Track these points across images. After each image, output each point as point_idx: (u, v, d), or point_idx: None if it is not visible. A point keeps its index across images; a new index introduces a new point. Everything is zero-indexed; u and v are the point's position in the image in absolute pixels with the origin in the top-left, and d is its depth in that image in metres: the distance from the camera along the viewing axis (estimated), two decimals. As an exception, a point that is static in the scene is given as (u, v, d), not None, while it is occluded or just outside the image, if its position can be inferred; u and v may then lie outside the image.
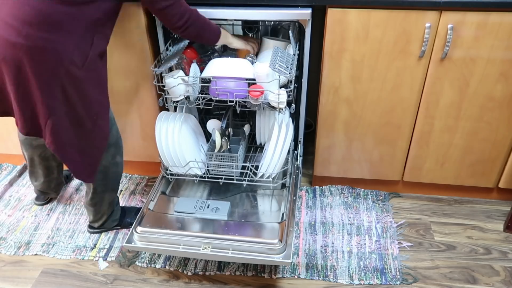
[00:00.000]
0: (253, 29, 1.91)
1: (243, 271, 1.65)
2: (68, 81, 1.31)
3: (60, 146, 1.40)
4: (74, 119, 1.38)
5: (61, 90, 1.31)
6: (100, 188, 1.64)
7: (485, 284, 1.59)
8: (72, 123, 1.38)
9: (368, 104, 1.74)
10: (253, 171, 1.64)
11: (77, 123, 1.39)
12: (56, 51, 1.25)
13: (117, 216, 1.81)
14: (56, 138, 1.38)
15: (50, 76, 1.28)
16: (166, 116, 1.62)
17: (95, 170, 1.53)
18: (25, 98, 1.32)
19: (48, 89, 1.29)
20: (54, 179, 1.89)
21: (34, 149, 1.73)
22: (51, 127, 1.35)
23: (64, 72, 1.29)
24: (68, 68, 1.28)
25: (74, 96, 1.34)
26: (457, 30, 1.53)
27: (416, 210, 1.94)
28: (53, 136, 1.37)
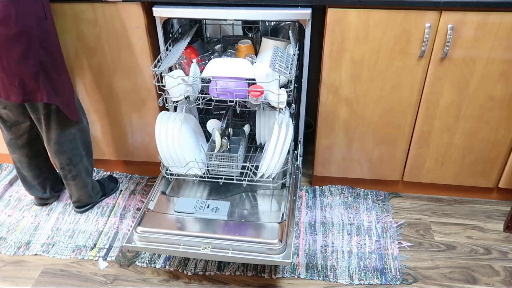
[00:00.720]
0: (253, 29, 1.91)
1: (243, 271, 1.65)
2: (42, 35, 1.42)
3: (55, 96, 1.53)
4: (56, 68, 1.51)
5: (41, 46, 1.42)
6: (76, 158, 1.76)
7: (485, 284, 1.59)
8: (56, 70, 1.51)
9: (368, 104, 1.75)
10: (253, 171, 1.64)
11: (59, 71, 1.53)
12: (25, 13, 1.35)
13: (97, 188, 1.95)
14: (50, 91, 1.50)
15: (28, 38, 1.38)
16: (166, 116, 1.62)
17: (76, 107, 1.68)
18: (11, 67, 1.40)
19: (30, 51, 1.40)
20: (47, 179, 1.91)
21: (21, 149, 1.77)
22: (44, 84, 1.48)
23: (37, 29, 1.40)
24: (39, 24, 1.40)
25: (51, 46, 1.47)
26: (457, 30, 1.53)
27: (416, 210, 1.94)
28: (48, 90, 1.49)
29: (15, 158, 1.80)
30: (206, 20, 1.97)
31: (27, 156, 1.79)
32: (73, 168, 1.77)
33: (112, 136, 2.02)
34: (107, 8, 1.65)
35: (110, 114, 1.94)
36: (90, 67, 1.81)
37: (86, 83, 1.85)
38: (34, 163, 1.83)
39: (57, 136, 1.68)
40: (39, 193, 1.92)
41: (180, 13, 1.63)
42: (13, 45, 1.37)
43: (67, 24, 1.70)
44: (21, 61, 1.40)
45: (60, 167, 1.78)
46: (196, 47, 1.78)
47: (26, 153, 1.78)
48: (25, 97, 1.48)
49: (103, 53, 1.76)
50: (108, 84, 1.85)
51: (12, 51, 1.38)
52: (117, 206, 1.98)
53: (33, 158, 1.81)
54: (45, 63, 1.46)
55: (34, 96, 1.49)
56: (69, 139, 1.71)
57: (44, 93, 1.49)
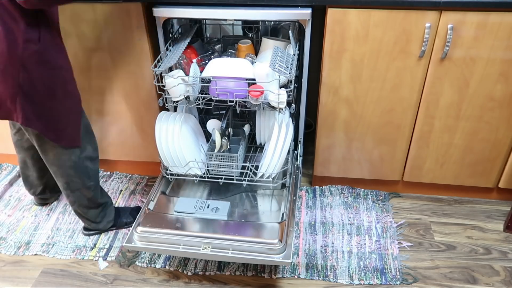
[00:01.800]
0: (253, 29, 1.91)
1: (243, 271, 1.65)
2: (28, 57, 1.33)
3: (35, 121, 1.43)
4: (45, 91, 1.41)
5: (23, 68, 1.34)
6: (74, 184, 1.63)
7: (485, 284, 1.59)
8: (43, 95, 1.41)
9: (368, 104, 1.75)
10: (253, 171, 1.64)
11: (48, 94, 1.42)
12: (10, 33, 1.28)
13: (111, 217, 1.81)
14: (30, 114, 1.40)
15: (8, 58, 1.31)
16: (166, 116, 1.62)
17: (79, 133, 1.55)
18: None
19: (9, 70, 1.32)
20: (49, 181, 1.88)
21: (26, 151, 1.75)
22: (21, 106, 1.38)
23: (21, 51, 1.31)
24: (25, 46, 1.32)
25: (38, 69, 1.37)
26: (457, 30, 1.53)
27: (416, 210, 1.94)
28: (26, 113, 1.39)
29: (20, 159, 1.78)
30: (206, 20, 1.97)
31: (33, 158, 1.77)
32: (71, 193, 1.67)
33: (112, 136, 2.02)
34: (107, 8, 1.65)
35: (110, 114, 1.94)
36: (90, 67, 1.81)
37: (86, 83, 1.85)
38: (38, 166, 1.80)
39: (54, 159, 1.57)
40: (39, 193, 1.91)
41: (180, 13, 1.63)
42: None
43: (67, 24, 1.70)
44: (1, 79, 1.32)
45: (60, 187, 1.69)
46: (196, 47, 1.78)
47: (31, 155, 1.76)
48: (1, 114, 1.41)
49: (103, 53, 1.76)
50: (108, 84, 1.85)
51: None
52: (117, 206, 1.98)
53: (39, 160, 1.75)
54: (26, 85, 1.36)
55: (10, 115, 1.41)
56: (67, 164, 1.58)
57: (21, 115, 1.39)
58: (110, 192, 2.06)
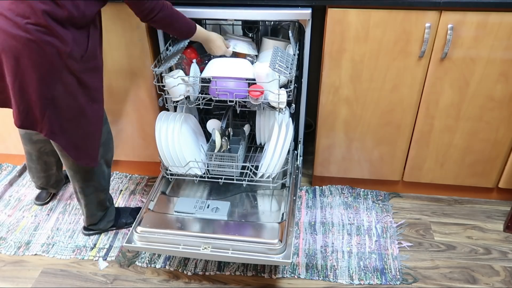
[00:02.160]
0: (253, 29, 1.91)
1: (243, 271, 1.65)
2: (67, 73, 1.31)
3: (60, 135, 1.41)
4: (75, 109, 1.39)
5: (60, 82, 1.32)
6: (89, 189, 1.65)
7: (485, 284, 1.59)
8: (73, 112, 1.39)
9: (368, 104, 1.75)
10: (253, 171, 1.64)
11: (77, 112, 1.40)
12: (55, 46, 1.26)
13: (111, 217, 1.82)
14: (55, 128, 1.38)
15: (49, 69, 1.28)
16: (166, 116, 1.62)
17: (97, 153, 1.53)
18: (21, 91, 1.31)
19: (46, 82, 1.30)
20: (53, 175, 1.90)
21: (34, 144, 1.74)
22: (49, 118, 1.36)
23: (62, 66, 1.30)
24: (66, 61, 1.29)
25: (74, 87, 1.35)
26: (457, 30, 1.53)
27: (416, 210, 1.94)
28: (52, 126, 1.37)
29: (26, 150, 1.77)
30: (206, 20, 1.97)
31: (39, 151, 1.76)
32: (84, 197, 1.67)
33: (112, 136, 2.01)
34: (107, 8, 1.64)
35: (110, 114, 1.94)
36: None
37: (86, 83, 1.85)
38: (44, 160, 1.80)
39: (72, 164, 1.57)
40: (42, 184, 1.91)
41: (180, 13, 1.63)
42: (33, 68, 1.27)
43: (67, 24, 1.70)
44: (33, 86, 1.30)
45: (73, 190, 1.69)
46: (196, 47, 1.78)
47: (38, 149, 1.76)
48: (24, 124, 1.37)
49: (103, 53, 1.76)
50: (108, 84, 1.84)
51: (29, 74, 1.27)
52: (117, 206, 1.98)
53: (45, 155, 1.78)
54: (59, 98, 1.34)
55: (35, 126, 1.38)
56: (85, 169, 1.59)
57: (46, 127, 1.37)
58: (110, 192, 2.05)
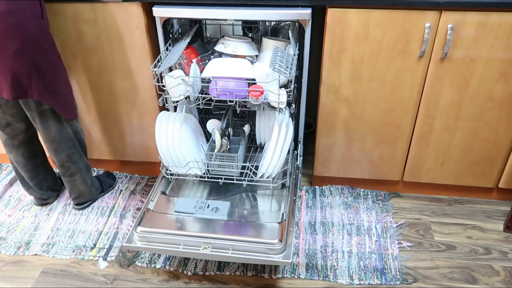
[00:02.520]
0: (253, 29, 1.91)
1: (243, 271, 1.65)
2: (38, 33, 1.44)
3: (48, 95, 1.54)
4: (51, 66, 1.53)
5: (36, 45, 1.44)
6: (75, 156, 1.79)
7: (485, 284, 1.59)
8: (51, 70, 1.53)
9: (368, 104, 1.74)
10: (253, 171, 1.64)
11: (54, 69, 1.55)
12: (21, 10, 1.36)
13: (97, 185, 1.98)
14: (43, 89, 1.52)
15: (23, 35, 1.39)
16: (166, 116, 1.62)
17: (75, 106, 1.73)
18: (5, 64, 1.42)
19: (25, 48, 1.41)
20: (44, 180, 1.91)
21: (17, 149, 1.77)
22: (36, 82, 1.49)
23: (33, 27, 1.41)
24: (34, 22, 1.41)
25: (46, 45, 1.49)
26: (457, 30, 1.53)
27: (416, 210, 1.94)
28: (40, 88, 1.51)
29: (12, 158, 1.81)
30: (206, 20, 1.97)
31: (23, 156, 1.79)
32: (73, 165, 1.80)
33: (112, 136, 2.02)
34: (107, 8, 1.65)
35: (110, 114, 1.94)
36: (90, 67, 1.81)
37: (86, 83, 1.85)
38: (31, 164, 1.83)
39: (55, 134, 1.70)
40: (37, 193, 1.92)
41: (180, 13, 1.63)
42: (8, 41, 1.38)
43: (67, 24, 1.70)
44: (15, 58, 1.41)
45: (60, 165, 1.79)
46: (196, 47, 1.78)
47: (22, 153, 1.79)
48: (16, 94, 1.50)
49: (103, 53, 1.76)
50: (108, 84, 1.85)
51: (6, 48, 1.39)
52: (117, 206, 1.98)
53: (30, 158, 1.82)
54: (38, 61, 1.47)
55: (26, 93, 1.51)
56: (68, 137, 1.73)
57: (35, 91, 1.51)
58: (110, 192, 2.06)
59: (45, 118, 1.64)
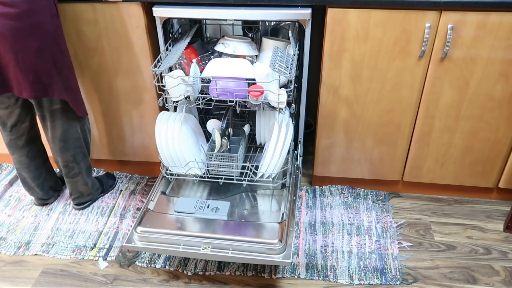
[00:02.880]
0: (253, 29, 1.91)
1: (243, 271, 1.65)
2: (56, 32, 1.47)
3: (65, 93, 1.57)
4: (66, 65, 1.56)
5: (55, 43, 1.46)
6: (80, 156, 1.80)
7: (485, 284, 1.59)
8: (67, 69, 1.56)
9: (368, 104, 1.75)
10: (253, 171, 1.64)
11: (69, 67, 1.58)
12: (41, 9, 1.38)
13: (97, 185, 1.99)
14: (61, 87, 1.54)
15: (44, 33, 1.41)
16: (166, 116, 1.62)
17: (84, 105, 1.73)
18: (26, 63, 1.43)
19: (46, 46, 1.43)
20: (46, 181, 1.92)
21: (21, 150, 1.78)
22: (55, 79, 1.51)
23: (51, 26, 1.43)
24: (53, 21, 1.44)
25: (63, 44, 1.52)
26: (457, 30, 1.53)
27: (416, 210, 1.94)
28: (59, 86, 1.53)
29: (15, 159, 1.80)
30: (206, 20, 1.97)
31: (27, 157, 1.79)
32: (76, 165, 1.80)
33: (112, 136, 2.02)
34: (107, 8, 1.65)
35: (110, 114, 1.94)
36: (90, 67, 1.81)
37: (86, 83, 1.85)
38: (34, 164, 1.83)
39: (63, 133, 1.70)
40: (38, 194, 1.92)
41: (180, 13, 1.63)
42: (29, 41, 1.40)
43: (67, 24, 1.70)
44: (36, 57, 1.43)
45: (64, 165, 1.79)
46: (196, 47, 1.78)
47: (26, 154, 1.79)
48: (37, 93, 1.51)
49: (103, 53, 1.76)
50: (108, 84, 1.85)
51: (28, 47, 1.40)
52: (117, 206, 1.98)
53: (33, 158, 1.82)
54: (58, 59, 1.50)
55: (46, 92, 1.52)
56: (74, 137, 1.75)
57: (56, 89, 1.53)
58: (110, 192, 2.06)
59: (55, 116, 1.66)
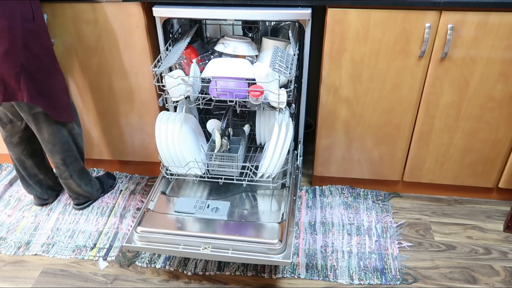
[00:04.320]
0: (253, 29, 1.91)
1: (243, 271, 1.65)
2: (27, 36, 1.42)
3: (38, 98, 1.53)
4: (43, 69, 1.52)
5: (25, 48, 1.43)
6: (69, 159, 1.78)
7: (485, 284, 1.59)
8: (42, 73, 1.52)
9: (368, 104, 1.74)
10: (253, 171, 1.64)
11: (45, 72, 1.53)
12: (8, 13, 1.35)
13: (97, 186, 1.98)
14: (33, 92, 1.51)
15: (11, 37, 1.38)
16: (166, 116, 1.62)
17: (71, 109, 1.71)
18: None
19: (12, 50, 1.40)
20: (43, 180, 1.92)
21: (15, 147, 1.78)
22: (25, 84, 1.48)
23: (21, 30, 1.40)
24: (24, 25, 1.40)
25: (37, 48, 1.47)
26: (457, 30, 1.53)
27: (416, 210, 1.94)
28: (29, 91, 1.50)
29: (12, 156, 1.81)
30: (206, 20, 1.97)
31: (23, 155, 1.80)
32: (66, 168, 1.79)
33: (112, 136, 2.02)
34: (107, 8, 1.65)
35: (110, 114, 1.94)
36: (90, 67, 1.81)
37: (86, 83, 1.85)
38: (30, 163, 1.83)
39: (49, 137, 1.69)
40: (36, 192, 1.93)
41: (180, 13, 1.63)
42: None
43: (67, 24, 1.70)
44: (2, 61, 1.40)
45: (55, 166, 1.80)
46: (196, 47, 1.78)
47: (21, 151, 1.79)
48: (5, 96, 1.49)
49: (103, 53, 1.76)
50: (108, 84, 1.85)
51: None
52: (117, 206, 1.98)
53: (29, 157, 1.82)
54: (28, 64, 1.45)
55: (15, 96, 1.50)
56: (62, 140, 1.72)
57: (25, 93, 1.49)
58: (110, 192, 2.06)
59: (38, 120, 1.64)
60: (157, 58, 1.59)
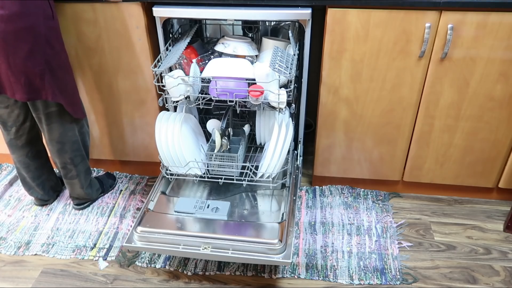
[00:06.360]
0: (253, 29, 1.91)
1: (243, 271, 1.65)
2: (49, 34, 1.45)
3: (60, 95, 1.55)
4: (62, 66, 1.54)
5: (48, 45, 1.45)
6: (77, 159, 1.79)
7: (485, 284, 1.59)
8: (62, 70, 1.55)
9: (368, 104, 1.75)
10: (253, 171, 1.64)
11: (64, 69, 1.56)
12: (33, 11, 1.37)
13: (97, 186, 1.99)
14: (55, 89, 1.53)
15: (35, 35, 1.40)
16: (166, 116, 1.62)
17: (83, 106, 1.75)
18: (17, 65, 1.42)
19: (37, 48, 1.42)
20: (46, 181, 1.92)
21: (21, 149, 1.77)
22: (49, 82, 1.50)
23: (44, 27, 1.42)
24: (46, 22, 1.42)
25: (57, 45, 1.50)
26: (457, 30, 1.53)
27: (416, 210, 1.94)
28: (53, 89, 1.52)
29: (15, 159, 1.80)
30: (206, 20, 1.97)
31: (27, 157, 1.79)
32: (74, 168, 1.80)
33: (112, 136, 2.02)
34: (107, 8, 1.65)
35: (110, 114, 1.94)
36: (90, 67, 1.81)
37: (86, 83, 1.86)
38: (34, 164, 1.83)
39: (60, 136, 1.69)
40: (38, 194, 1.92)
41: (180, 13, 1.63)
42: (20, 43, 1.38)
43: (67, 24, 1.70)
44: (27, 59, 1.42)
45: (61, 166, 1.79)
46: (196, 47, 1.78)
47: (26, 154, 1.79)
48: (30, 95, 1.50)
49: (103, 53, 1.76)
50: (108, 84, 1.85)
51: (19, 49, 1.39)
52: (117, 206, 1.98)
53: (34, 159, 1.81)
54: (51, 61, 1.48)
55: (39, 94, 1.51)
56: (72, 140, 1.73)
57: (49, 91, 1.51)
58: (110, 192, 2.06)
59: (51, 119, 1.64)
60: (157, 58, 1.59)
